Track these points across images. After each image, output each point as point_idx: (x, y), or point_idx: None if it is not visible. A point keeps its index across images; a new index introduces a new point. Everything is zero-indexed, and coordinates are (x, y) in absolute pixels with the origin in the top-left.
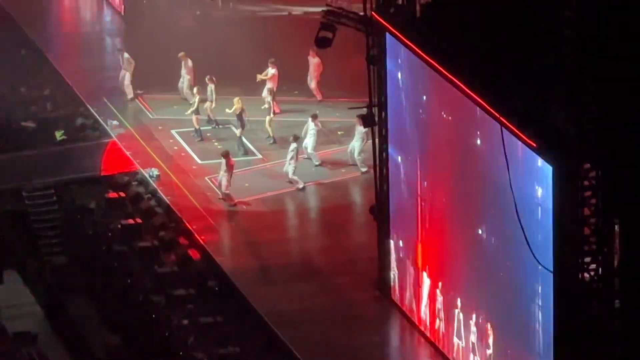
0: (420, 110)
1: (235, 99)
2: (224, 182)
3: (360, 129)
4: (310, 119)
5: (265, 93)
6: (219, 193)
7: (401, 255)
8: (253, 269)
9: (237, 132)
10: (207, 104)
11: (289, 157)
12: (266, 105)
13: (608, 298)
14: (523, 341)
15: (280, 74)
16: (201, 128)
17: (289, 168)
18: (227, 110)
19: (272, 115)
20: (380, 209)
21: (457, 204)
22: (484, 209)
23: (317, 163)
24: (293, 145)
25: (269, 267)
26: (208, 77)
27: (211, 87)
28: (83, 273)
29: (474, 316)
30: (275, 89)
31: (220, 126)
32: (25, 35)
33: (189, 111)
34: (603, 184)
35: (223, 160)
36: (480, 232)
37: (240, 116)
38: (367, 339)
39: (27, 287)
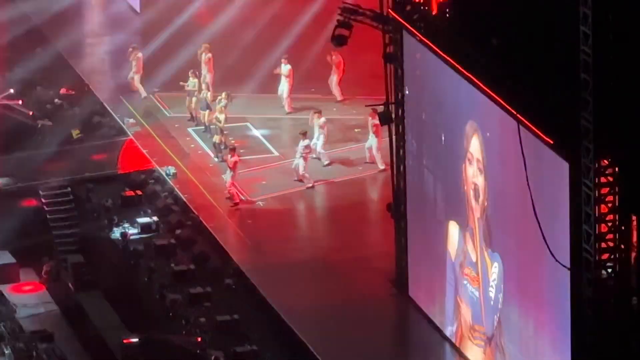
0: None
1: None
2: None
3: (371, 123)
4: (314, 116)
5: (282, 89)
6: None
7: (419, 251)
8: (270, 266)
9: (216, 137)
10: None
11: (298, 154)
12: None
13: (625, 295)
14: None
15: (297, 71)
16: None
17: (299, 163)
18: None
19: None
20: (397, 206)
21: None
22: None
23: (326, 162)
24: (305, 142)
25: (286, 264)
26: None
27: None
28: (100, 271)
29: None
30: (291, 86)
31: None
32: (41, 33)
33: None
34: (620, 181)
35: (232, 158)
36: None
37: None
38: (384, 336)
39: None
